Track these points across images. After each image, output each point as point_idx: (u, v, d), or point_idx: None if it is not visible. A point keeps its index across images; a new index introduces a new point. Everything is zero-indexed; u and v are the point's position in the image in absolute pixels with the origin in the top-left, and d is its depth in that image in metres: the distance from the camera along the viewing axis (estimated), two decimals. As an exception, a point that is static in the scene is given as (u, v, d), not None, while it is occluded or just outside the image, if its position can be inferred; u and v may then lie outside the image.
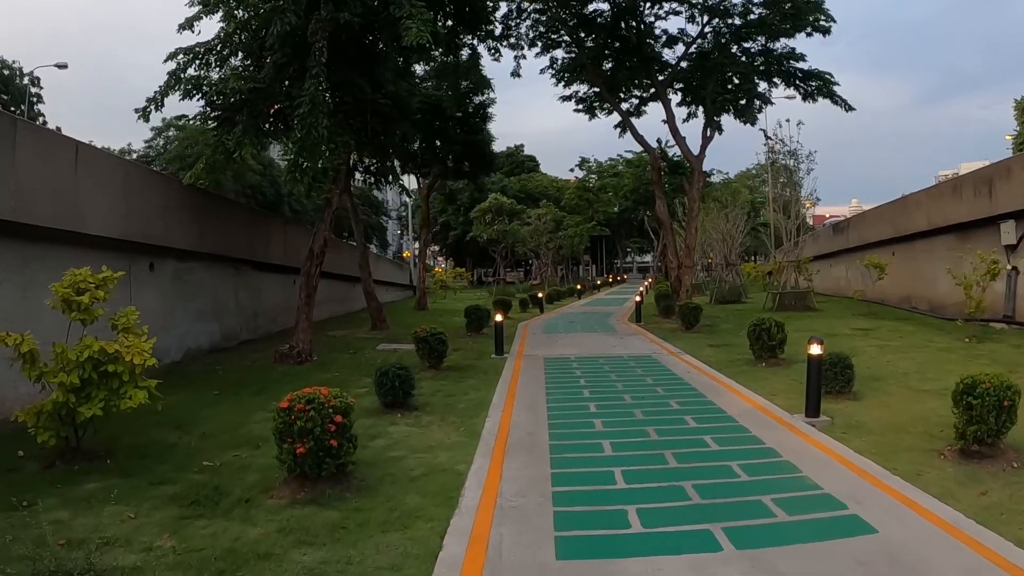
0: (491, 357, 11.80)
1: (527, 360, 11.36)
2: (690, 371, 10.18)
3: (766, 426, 6.77)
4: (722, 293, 26.69)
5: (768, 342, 10.85)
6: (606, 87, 21.19)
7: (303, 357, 11.98)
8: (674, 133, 20.48)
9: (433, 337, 9.92)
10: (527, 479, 5.07)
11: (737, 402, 7.94)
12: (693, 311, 15.69)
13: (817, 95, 21.60)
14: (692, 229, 19.37)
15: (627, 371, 10.19)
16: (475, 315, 15.32)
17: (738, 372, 10.17)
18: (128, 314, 6.47)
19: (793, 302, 22.27)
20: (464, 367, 10.80)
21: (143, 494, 5.33)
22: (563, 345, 13.54)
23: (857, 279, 27.25)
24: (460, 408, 7.80)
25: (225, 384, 10.26)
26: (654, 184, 20.40)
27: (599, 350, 12.63)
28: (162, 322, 12.67)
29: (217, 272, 14.94)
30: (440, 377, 9.86)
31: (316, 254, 12.22)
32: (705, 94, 20.86)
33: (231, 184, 43.66)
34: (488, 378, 9.73)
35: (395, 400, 7.46)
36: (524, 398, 8.13)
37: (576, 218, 50.69)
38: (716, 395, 8.28)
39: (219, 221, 14.61)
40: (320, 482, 4.93)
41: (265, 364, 12.11)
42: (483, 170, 27.45)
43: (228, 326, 15.35)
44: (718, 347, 13.23)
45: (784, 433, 6.53)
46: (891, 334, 14.70)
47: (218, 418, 8.07)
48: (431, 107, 24.21)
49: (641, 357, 11.63)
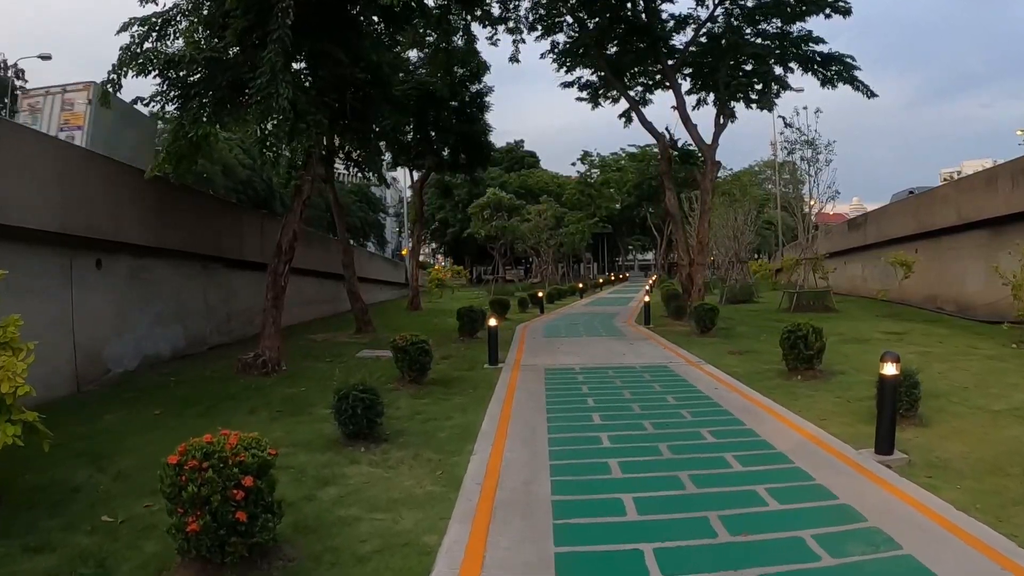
0: (484, 367, 10.30)
1: (525, 372, 9.85)
2: (716, 386, 8.68)
3: (830, 468, 5.28)
4: (733, 292, 25.17)
5: (805, 351, 9.36)
6: (611, 71, 19.67)
7: (270, 367, 10.50)
8: (685, 120, 18.96)
9: (414, 347, 8.42)
10: (521, 565, 3.57)
11: (784, 431, 6.44)
12: (709, 313, 14.18)
13: (837, 80, 20.13)
14: (704, 223, 17.86)
15: (642, 386, 8.69)
16: (468, 318, 13.82)
17: (772, 388, 8.68)
18: (8, 324, 4.98)
19: (811, 302, 20.77)
20: (452, 380, 9.29)
21: (7, 568, 3.92)
22: (566, 352, 12.03)
23: (875, 277, 25.82)
24: (440, 438, 6.30)
25: (172, 401, 8.78)
26: (663, 174, 18.88)
27: (606, 359, 11.12)
28: (114, 326, 11.21)
29: (182, 270, 13.45)
30: (422, 394, 8.36)
31: (284, 249, 10.73)
32: (718, 78, 19.36)
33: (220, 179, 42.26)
34: (479, 395, 8.23)
35: (358, 430, 5.97)
36: (520, 425, 6.63)
37: (577, 214, 49.20)
38: (756, 421, 6.78)
39: (183, 214, 13.12)
40: (225, 569, 3.45)
41: (226, 375, 10.63)
42: (480, 162, 25.92)
43: (195, 330, 13.86)
44: (740, 355, 11.74)
45: (856, 479, 5.04)
46: (927, 339, 13.22)
47: (147, 448, 6.59)
48: (424, 94, 22.70)
49: (656, 368, 10.12)
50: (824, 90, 20.60)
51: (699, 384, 8.78)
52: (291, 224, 10.75)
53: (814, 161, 21.80)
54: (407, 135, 25.05)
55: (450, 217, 59.50)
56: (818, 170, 21.62)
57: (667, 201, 18.58)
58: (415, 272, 24.50)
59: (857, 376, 9.46)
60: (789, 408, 7.51)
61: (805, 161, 21.63)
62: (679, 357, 11.19)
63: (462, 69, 24.58)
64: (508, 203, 39.83)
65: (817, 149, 21.79)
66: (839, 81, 20.19)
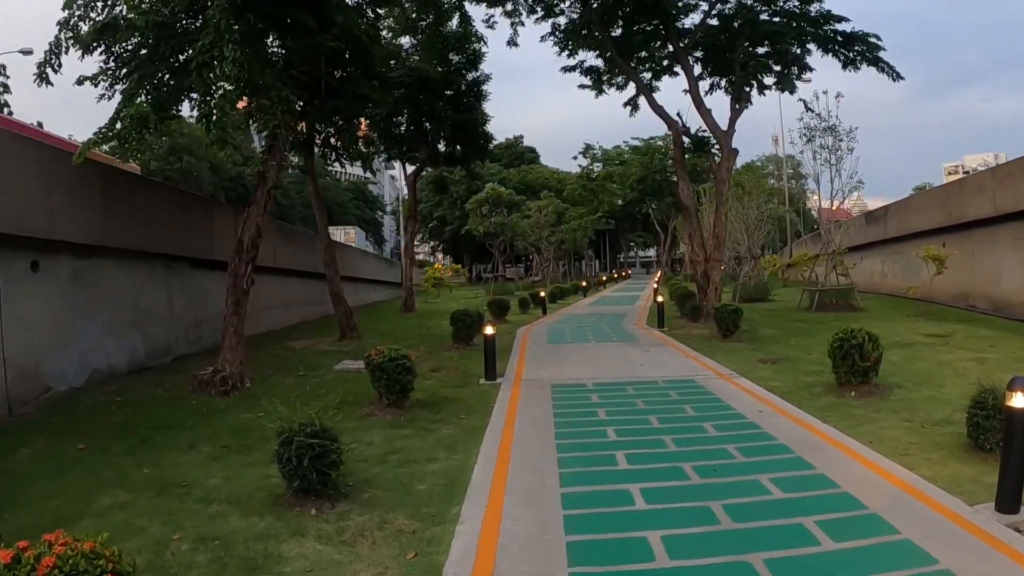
0: (480, 383, 8.78)
1: (528, 389, 8.32)
2: (760, 408, 7.16)
3: (949, 538, 3.77)
4: (747, 290, 23.65)
5: (860, 363, 7.88)
6: (617, 52, 18.12)
7: (230, 384, 9.00)
8: (698, 104, 17.42)
9: (392, 364, 6.89)
10: None
11: (865, 476, 4.93)
12: (733, 315, 12.66)
13: (860, 62, 18.59)
14: (721, 216, 16.33)
15: (670, 409, 7.16)
16: (463, 322, 12.29)
17: (826, 409, 7.18)
18: None
19: (834, 301, 19.28)
20: (441, 402, 7.77)
21: None
22: (574, 362, 10.51)
23: (896, 273, 24.33)
24: (419, 493, 4.79)
25: (105, 429, 7.30)
26: (676, 163, 17.34)
27: (622, 370, 9.59)
28: (55, 338, 9.67)
29: (139, 272, 11.93)
30: (402, 422, 6.84)
31: (246, 247, 9.23)
32: (733, 58, 17.83)
33: (208, 176, 40.75)
34: (472, 424, 6.71)
35: (308, 486, 4.47)
36: (523, 472, 5.11)
37: (579, 210, 47.62)
38: (825, 461, 5.26)
39: (138, 207, 11.59)
40: None
41: (181, 393, 9.15)
42: (477, 155, 24.37)
43: (157, 339, 12.35)
44: (773, 364, 10.24)
45: (996, 559, 3.54)
46: (975, 342, 11.75)
47: (50, 500, 5.15)
48: (417, 80, 21.23)
49: (682, 383, 8.59)
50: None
51: (738, 405, 7.26)
52: (254, 218, 9.25)
53: (835, 149, 20.37)
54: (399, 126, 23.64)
55: (448, 214, 57.99)
56: (840, 158, 20.17)
57: (680, 192, 17.04)
58: (409, 271, 22.92)
59: (918, 391, 8.00)
60: (856, 438, 6.02)
61: (826, 149, 20.16)
62: (706, 368, 9.66)
63: (458, 56, 23.15)
64: (507, 199, 38.29)
65: (838, 136, 20.35)
66: (862, 63, 18.64)
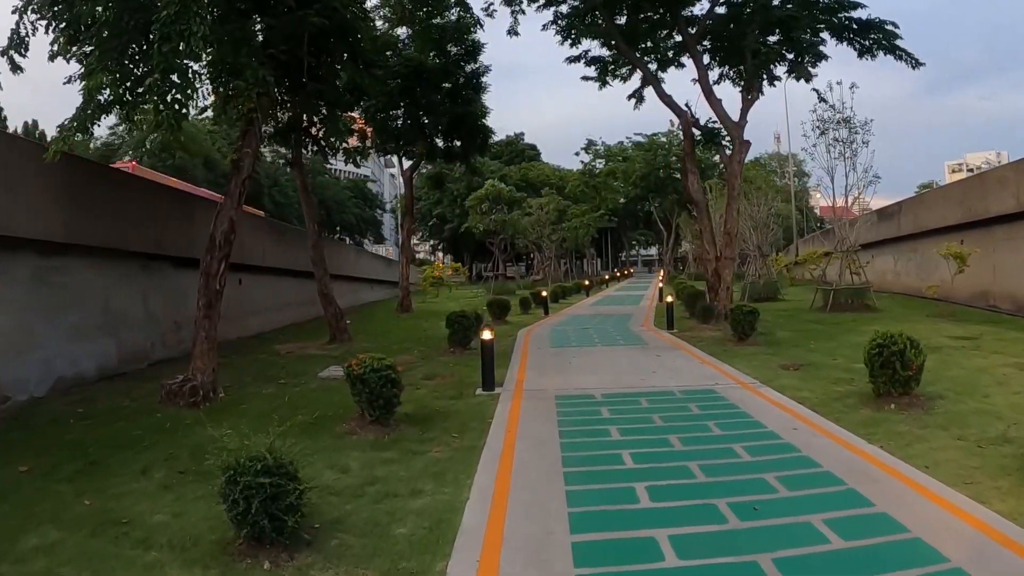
0: (477, 394, 7.93)
1: (530, 401, 7.47)
2: (793, 425, 6.31)
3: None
4: (756, 290, 22.78)
5: (901, 372, 7.03)
6: (623, 39, 17.25)
7: (200, 395, 8.17)
8: (708, 93, 16.55)
9: (376, 375, 6.04)
10: None
11: (934, 514, 4.08)
12: (749, 317, 11.80)
13: (877, 50, 17.74)
14: (732, 212, 15.45)
15: (692, 426, 6.30)
16: (460, 325, 11.45)
17: (867, 424, 6.34)
18: None
19: (849, 301, 18.42)
20: (431, 417, 6.92)
21: None
22: (580, 369, 9.64)
23: (910, 272, 23.50)
24: (397, 540, 3.94)
25: (55, 449, 6.47)
26: (686, 155, 16.47)
27: (634, 379, 8.73)
28: (14, 343, 8.84)
29: (111, 271, 11.12)
30: (386, 442, 5.99)
31: (219, 243, 8.37)
32: (744, 45, 16.96)
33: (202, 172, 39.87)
34: (466, 444, 5.86)
35: (261, 533, 3.63)
36: (525, 511, 4.25)
37: (581, 207, 46.71)
38: (882, 494, 4.40)
39: (108, 201, 10.76)
40: None
41: (148, 404, 8.32)
42: (476, 149, 23.50)
43: (132, 343, 11.54)
44: (796, 370, 9.38)
45: None
46: (1006, 345, 10.95)
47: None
48: (412, 71, 20.41)
49: (701, 393, 7.73)
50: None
51: (768, 421, 6.41)
52: (226, 211, 8.39)
53: (850, 142, 19.49)
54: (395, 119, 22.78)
55: (447, 212, 57.15)
56: (855, 152, 19.30)
57: (689, 186, 16.17)
58: (405, 270, 22.06)
59: (962, 402, 7.17)
60: (909, 462, 5.18)
61: (840, 142, 19.28)
62: (725, 375, 8.79)
63: (456, 47, 22.33)
64: (508, 196, 37.39)
65: (853, 128, 19.48)
66: (879, 51, 17.80)
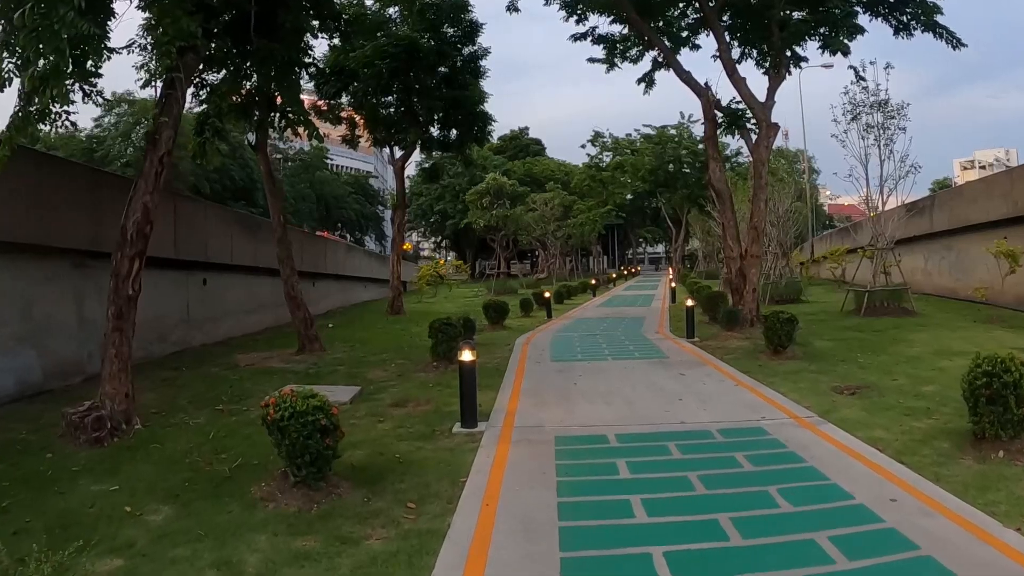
0: (453, 432, 6.14)
1: (521, 447, 5.64)
2: (881, 486, 4.49)
3: None
4: (778, 290, 20.89)
5: (1016, 410, 5.26)
6: (636, 10, 15.40)
7: (109, 427, 6.43)
8: (731, 71, 14.68)
9: (298, 421, 4.25)
10: None
11: None
12: (786, 326, 9.95)
13: (915, 27, 15.86)
14: (760, 204, 13.61)
15: (748, 496, 4.42)
16: (444, 334, 9.63)
17: (980, 486, 4.56)
18: None
19: (884, 303, 16.56)
20: (386, 472, 5.09)
21: None
22: (587, 394, 7.80)
23: (943, 271, 21.61)
24: None
25: None
26: (707, 140, 14.60)
27: (656, 409, 6.89)
28: None
29: (34, 272, 9.42)
30: (311, 517, 4.19)
31: (131, 237, 6.63)
32: (770, 17, 15.12)
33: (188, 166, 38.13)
34: (422, 524, 4.04)
35: None
36: None
37: (588, 203, 44.82)
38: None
39: (31, 190, 9.05)
40: None
41: (45, 439, 6.58)
42: (474, 138, 21.69)
43: (61, 355, 9.83)
44: (854, 395, 7.55)
45: None
46: (1093, 359, 9.01)
47: None
48: (404, 51, 18.62)
49: (747, 434, 5.91)
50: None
51: (849, 483, 4.58)
52: (140, 196, 6.63)
53: (885, 127, 17.56)
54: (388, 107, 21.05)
55: (449, 208, 55.35)
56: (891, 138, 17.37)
57: (711, 174, 14.30)
58: (395, 268, 20.27)
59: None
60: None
61: (876, 127, 17.36)
62: (771, 405, 6.96)
63: (452, 28, 20.55)
64: (510, 190, 35.57)
65: (889, 112, 17.53)
66: (917, 28, 15.91)
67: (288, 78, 8.63)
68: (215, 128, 9.54)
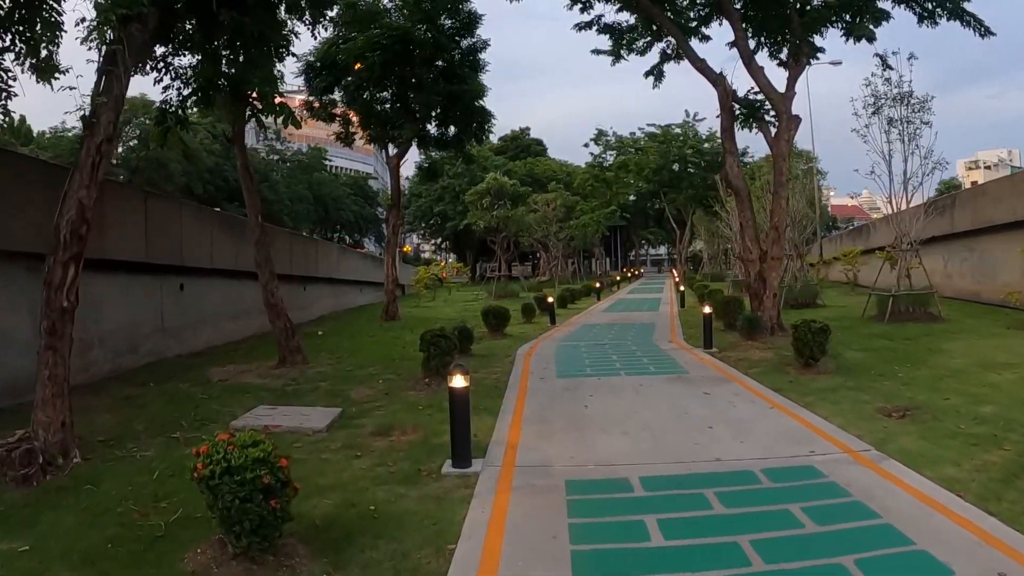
0: (443, 472, 5.13)
1: (525, 496, 4.61)
2: (980, 553, 3.49)
3: None
4: (793, 294, 19.85)
5: None
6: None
7: (41, 462, 5.44)
8: (747, 60, 13.70)
9: (232, 478, 3.26)
10: None
11: None
12: (819, 336, 8.93)
13: (941, 15, 14.90)
14: (781, 202, 12.61)
15: (817, 569, 3.49)
16: (437, 348, 8.63)
17: None
18: None
19: (910, 308, 15.56)
20: (354, 532, 4.04)
21: None
22: (601, 419, 6.75)
23: (964, 273, 20.58)
24: None
25: None
26: (724, 134, 13.58)
27: (683, 440, 5.86)
28: None
29: (-22, 277, 8.45)
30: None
31: (65, 239, 5.63)
32: (788, 3, 14.17)
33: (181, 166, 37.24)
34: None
35: None
36: None
37: (591, 203, 43.82)
38: None
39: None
40: None
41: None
42: (473, 134, 20.70)
43: (11, 371, 8.83)
44: (903, 418, 6.55)
45: None
46: None
47: None
48: (398, 42, 17.64)
49: (798, 475, 4.89)
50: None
51: (951, 558, 3.54)
52: (76, 191, 5.64)
53: (909, 121, 16.52)
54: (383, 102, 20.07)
55: (449, 209, 54.41)
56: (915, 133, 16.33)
57: (728, 169, 13.28)
58: (390, 271, 19.27)
59: None
60: None
61: (901, 121, 16.33)
62: (817, 434, 5.92)
63: (450, 20, 19.57)
64: (511, 190, 34.55)
65: (912, 106, 16.50)
66: (943, 15, 14.95)
67: (261, 56, 7.64)
68: (177, 118, 8.54)
